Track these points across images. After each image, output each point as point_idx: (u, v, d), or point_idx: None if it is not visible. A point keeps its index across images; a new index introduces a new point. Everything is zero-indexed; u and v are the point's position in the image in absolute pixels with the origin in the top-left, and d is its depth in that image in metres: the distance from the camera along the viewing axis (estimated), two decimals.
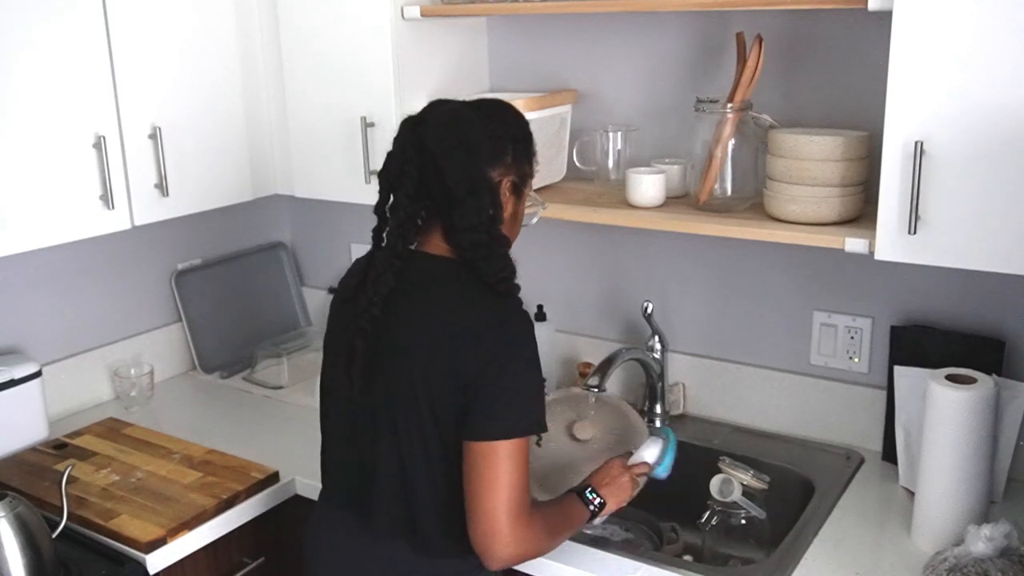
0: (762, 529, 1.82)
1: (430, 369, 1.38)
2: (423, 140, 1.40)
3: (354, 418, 1.49)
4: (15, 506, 1.59)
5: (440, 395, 1.38)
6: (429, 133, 1.40)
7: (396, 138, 1.44)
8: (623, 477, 1.63)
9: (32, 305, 2.18)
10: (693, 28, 1.98)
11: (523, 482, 1.36)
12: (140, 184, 1.97)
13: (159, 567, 1.71)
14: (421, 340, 1.39)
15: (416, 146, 1.40)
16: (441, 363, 1.37)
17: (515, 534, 1.35)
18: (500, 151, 1.42)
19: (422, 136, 1.40)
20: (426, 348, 1.38)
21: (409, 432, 1.41)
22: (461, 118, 1.42)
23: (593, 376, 1.95)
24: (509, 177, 1.44)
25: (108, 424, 2.17)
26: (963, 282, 1.81)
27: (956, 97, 1.42)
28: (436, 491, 1.43)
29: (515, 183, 1.46)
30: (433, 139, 1.39)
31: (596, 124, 2.09)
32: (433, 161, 1.39)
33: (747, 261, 2.05)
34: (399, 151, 1.42)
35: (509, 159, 1.44)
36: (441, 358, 1.37)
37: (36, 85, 1.76)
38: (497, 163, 1.42)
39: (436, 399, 1.38)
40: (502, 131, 1.43)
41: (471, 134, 1.40)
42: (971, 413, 1.56)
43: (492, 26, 2.24)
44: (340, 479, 1.56)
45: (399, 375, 1.41)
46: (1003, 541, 1.44)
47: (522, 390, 1.38)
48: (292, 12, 2.11)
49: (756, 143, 1.81)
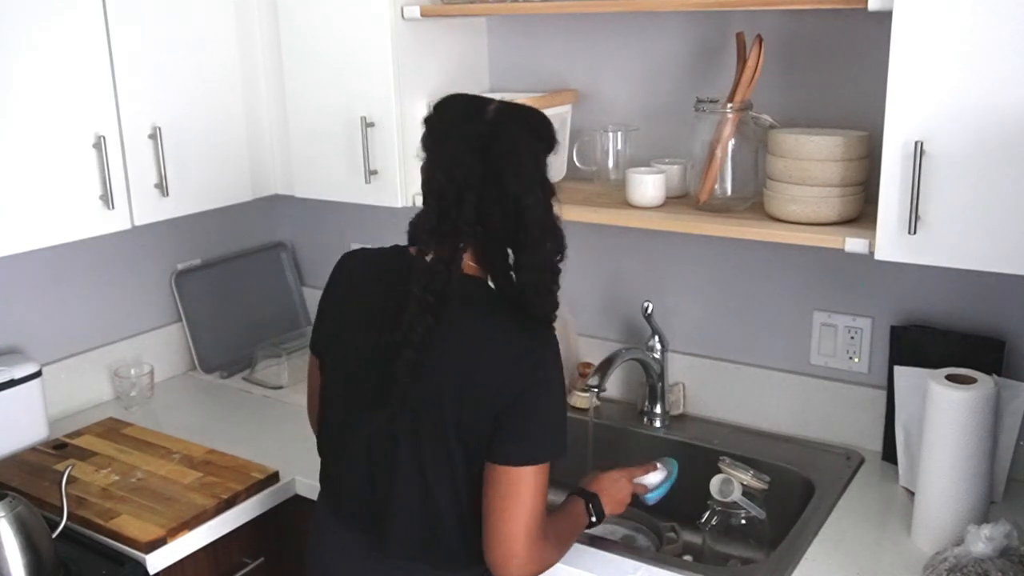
0: (762, 529, 1.82)
1: (462, 395, 1.35)
2: (499, 173, 1.33)
3: (369, 438, 1.44)
4: (15, 506, 1.59)
5: (470, 421, 1.36)
6: (505, 164, 1.32)
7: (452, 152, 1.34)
8: (624, 493, 1.65)
9: (32, 305, 2.18)
10: (693, 28, 1.98)
11: (542, 507, 1.37)
12: (140, 184, 1.97)
13: (159, 567, 1.71)
14: (454, 366, 1.36)
15: (488, 177, 1.33)
16: (473, 390, 1.35)
17: (532, 555, 1.37)
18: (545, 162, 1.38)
19: (497, 168, 1.33)
20: (459, 374, 1.36)
21: (435, 456, 1.39)
22: (531, 145, 1.36)
23: (593, 376, 1.95)
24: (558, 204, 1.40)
25: (108, 424, 2.17)
26: (963, 282, 1.81)
27: (956, 97, 1.42)
28: (461, 514, 1.42)
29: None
30: (510, 173, 1.32)
31: (596, 124, 2.09)
32: (508, 196, 1.33)
33: (747, 261, 2.05)
34: (462, 172, 1.33)
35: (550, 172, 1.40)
36: (474, 385, 1.35)
37: (36, 85, 1.76)
38: (553, 193, 1.39)
39: (465, 424, 1.36)
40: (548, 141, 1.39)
41: (542, 166, 1.36)
42: (971, 413, 1.56)
43: (492, 26, 2.24)
44: (351, 500, 1.51)
45: (428, 399, 1.37)
46: (1003, 541, 1.44)
47: (550, 417, 1.38)
48: (292, 12, 2.11)
49: (756, 143, 1.81)
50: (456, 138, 1.36)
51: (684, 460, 2.03)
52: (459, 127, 1.37)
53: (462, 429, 1.36)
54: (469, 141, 1.34)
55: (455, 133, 1.37)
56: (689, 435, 2.09)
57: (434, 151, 1.39)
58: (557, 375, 1.39)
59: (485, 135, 1.34)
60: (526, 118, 1.40)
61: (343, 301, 1.53)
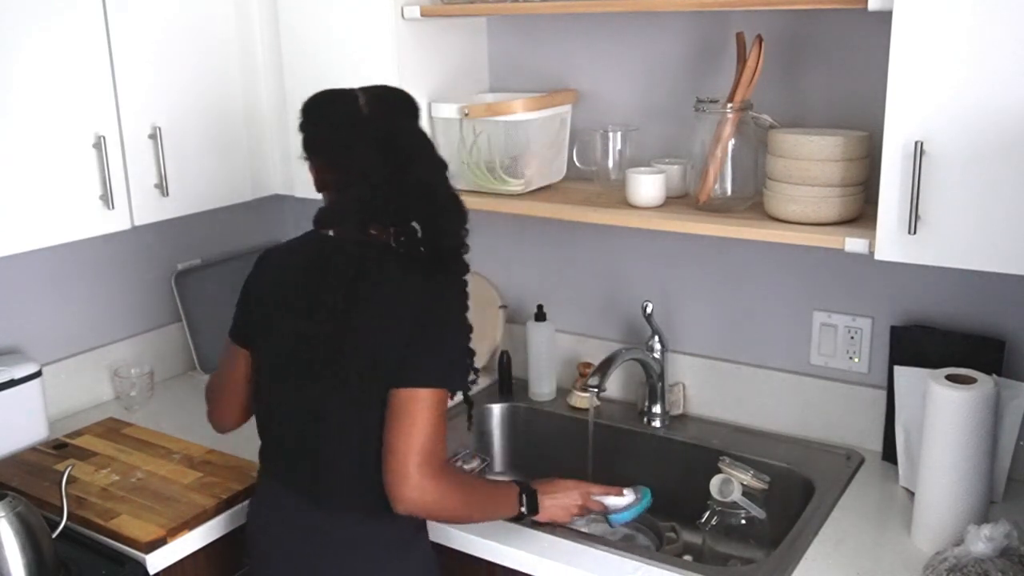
0: (762, 529, 1.82)
1: (380, 345, 1.47)
2: (405, 166, 1.50)
3: (300, 399, 1.55)
4: (15, 506, 1.59)
5: (385, 362, 1.47)
6: (407, 158, 1.50)
7: (358, 158, 1.50)
8: (573, 503, 1.69)
9: (32, 305, 2.18)
10: (693, 28, 1.98)
11: (437, 433, 1.46)
12: (140, 184, 1.97)
13: (159, 567, 1.71)
14: (374, 327, 1.49)
15: (396, 170, 1.49)
16: (387, 338, 1.47)
17: (423, 481, 1.44)
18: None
19: (402, 162, 1.50)
20: (378, 331, 1.48)
21: (359, 407, 1.49)
22: (418, 131, 1.55)
23: (593, 376, 1.95)
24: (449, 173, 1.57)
25: (108, 424, 2.17)
26: (963, 282, 1.81)
27: (956, 97, 1.42)
28: (371, 457, 1.49)
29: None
30: (416, 164, 1.50)
31: (596, 124, 2.09)
32: (420, 182, 1.51)
33: (747, 261, 2.05)
34: (375, 173, 1.49)
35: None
36: (388, 334, 1.47)
37: (36, 85, 1.76)
38: (445, 165, 1.56)
39: (382, 366, 1.47)
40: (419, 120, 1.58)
41: (430, 144, 1.55)
42: (971, 413, 1.56)
43: (492, 26, 2.24)
44: (286, 460, 1.61)
45: (352, 357, 1.49)
46: (1003, 541, 1.44)
47: (445, 351, 1.49)
48: (292, 12, 2.11)
49: (756, 143, 1.81)
50: (357, 145, 1.51)
51: (684, 460, 2.05)
52: (351, 132, 1.52)
53: (381, 376, 1.47)
54: (369, 144, 1.50)
55: (351, 139, 1.52)
56: (689, 435, 2.09)
57: (338, 158, 1.54)
58: (456, 316, 1.51)
59: (381, 137, 1.51)
60: (397, 104, 1.58)
61: (270, 290, 1.64)
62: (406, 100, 1.58)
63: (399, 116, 1.56)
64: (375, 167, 1.49)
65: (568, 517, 1.70)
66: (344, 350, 1.50)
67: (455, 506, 1.52)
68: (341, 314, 1.49)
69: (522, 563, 1.66)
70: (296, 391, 1.56)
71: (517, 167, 2.02)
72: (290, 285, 1.60)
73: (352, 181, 1.51)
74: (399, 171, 1.49)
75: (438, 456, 1.47)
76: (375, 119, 1.53)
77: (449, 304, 1.52)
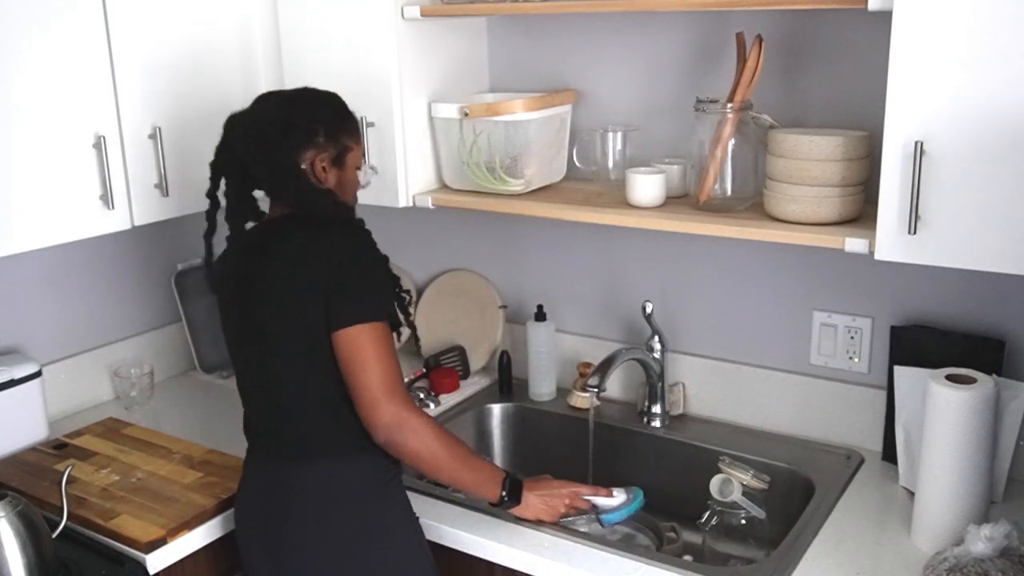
0: (762, 529, 1.82)
1: (292, 291, 1.58)
2: (233, 146, 1.66)
3: (246, 365, 1.70)
4: (15, 506, 1.59)
5: (307, 308, 1.56)
6: (236, 138, 1.65)
7: (221, 138, 1.69)
8: (560, 502, 1.73)
9: (32, 305, 2.18)
10: (693, 28, 1.98)
11: (391, 363, 1.57)
12: (140, 184, 1.97)
13: (159, 567, 1.71)
14: (281, 272, 1.60)
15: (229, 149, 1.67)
16: (304, 286, 1.57)
17: (392, 405, 1.55)
18: (304, 137, 1.63)
19: (232, 141, 1.66)
20: (286, 277, 1.59)
21: (293, 357, 1.60)
22: (259, 119, 1.65)
23: (593, 376, 1.95)
24: (325, 154, 1.64)
25: (108, 424, 2.17)
26: (963, 282, 1.81)
27: (956, 97, 1.42)
28: (327, 402, 1.61)
29: (332, 158, 1.66)
30: (240, 145, 1.64)
31: (596, 124, 2.09)
32: (242, 163, 1.64)
33: (747, 261, 2.05)
34: (219, 151, 1.69)
35: (321, 139, 1.64)
36: (304, 282, 1.57)
37: (36, 85, 1.76)
38: (303, 148, 1.63)
39: (305, 313, 1.57)
40: (304, 119, 1.64)
41: (269, 132, 1.61)
42: (971, 413, 1.56)
43: (492, 26, 2.24)
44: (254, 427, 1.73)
45: (273, 311, 1.60)
46: (1003, 541, 1.44)
47: (364, 287, 1.58)
48: (292, 12, 2.11)
49: (756, 143, 1.81)
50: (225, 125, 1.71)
51: (684, 460, 2.05)
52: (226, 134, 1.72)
53: (302, 324, 1.58)
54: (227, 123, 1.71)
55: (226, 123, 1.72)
56: (689, 435, 2.09)
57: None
58: (369, 250, 1.61)
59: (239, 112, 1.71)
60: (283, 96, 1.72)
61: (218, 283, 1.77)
62: (307, 98, 1.70)
63: (283, 112, 1.65)
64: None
65: (554, 516, 1.71)
66: (266, 307, 1.61)
67: (432, 443, 1.59)
68: (258, 279, 1.62)
69: (522, 563, 1.66)
70: (244, 363, 1.70)
71: (517, 167, 2.02)
72: (227, 271, 1.72)
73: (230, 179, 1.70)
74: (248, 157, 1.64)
75: (400, 385, 1.58)
76: (242, 120, 1.67)
77: (360, 250, 1.60)
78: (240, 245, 1.70)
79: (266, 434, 1.70)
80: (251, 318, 1.64)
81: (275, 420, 1.67)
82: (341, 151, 1.68)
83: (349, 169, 1.70)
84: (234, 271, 1.68)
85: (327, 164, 1.66)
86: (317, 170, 1.65)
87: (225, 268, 1.72)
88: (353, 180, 1.73)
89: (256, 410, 1.72)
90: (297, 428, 1.64)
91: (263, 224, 1.71)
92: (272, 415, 1.67)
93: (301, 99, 1.70)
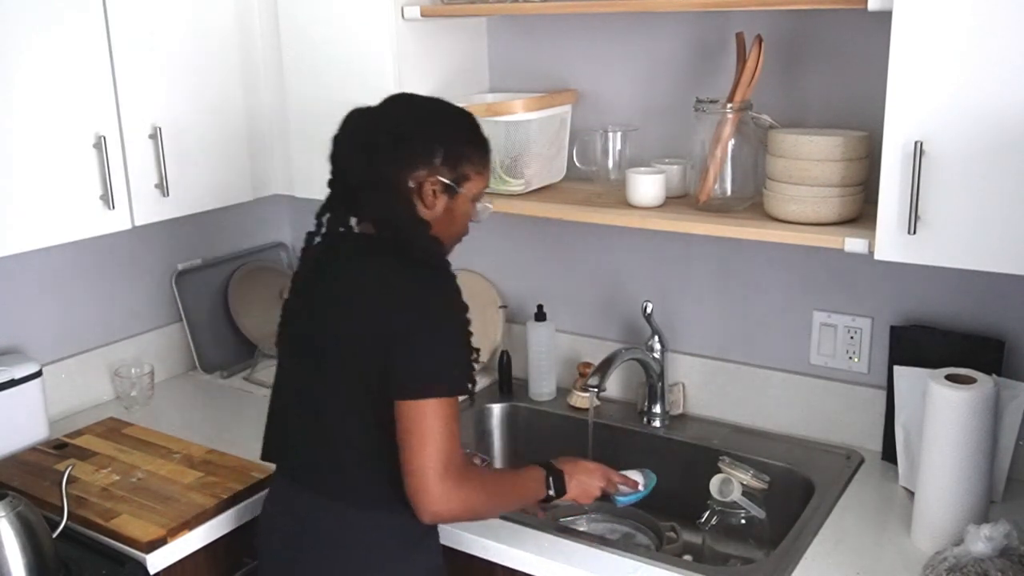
0: (762, 529, 1.82)
1: (354, 327, 1.48)
2: (342, 141, 1.54)
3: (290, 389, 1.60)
4: (15, 506, 1.59)
5: (369, 354, 1.45)
6: (346, 134, 1.53)
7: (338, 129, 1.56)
8: (596, 485, 1.69)
9: (32, 305, 2.18)
10: (693, 28, 1.98)
11: (450, 441, 1.43)
12: (140, 184, 1.97)
13: (159, 567, 1.71)
14: (345, 304, 1.50)
15: (338, 142, 1.54)
16: (362, 321, 1.47)
17: (445, 491, 1.42)
18: (417, 153, 1.50)
19: (343, 136, 1.54)
20: (349, 310, 1.49)
21: (340, 396, 1.50)
22: (374, 120, 1.52)
23: (593, 376, 1.95)
24: (435, 177, 1.51)
25: (108, 424, 2.17)
26: (963, 282, 1.81)
27: (956, 97, 1.42)
28: (369, 451, 1.50)
29: (445, 184, 1.52)
30: (343, 147, 1.53)
31: (596, 124, 2.09)
32: (339, 161, 1.54)
33: (747, 261, 2.05)
34: (333, 141, 1.55)
35: (437, 160, 1.50)
36: (362, 317, 1.47)
37: (37, 85, 1.76)
38: (413, 165, 1.50)
39: (365, 358, 1.46)
40: (423, 133, 1.51)
41: (378, 138, 1.49)
42: (971, 413, 1.56)
43: (492, 26, 2.24)
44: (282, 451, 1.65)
45: (328, 341, 1.51)
46: (1003, 541, 1.44)
47: (439, 354, 1.45)
48: (292, 12, 2.11)
49: (756, 143, 1.81)
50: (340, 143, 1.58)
51: (684, 460, 2.05)
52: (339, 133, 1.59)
53: (362, 367, 1.47)
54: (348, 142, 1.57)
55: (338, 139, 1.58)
56: (689, 435, 2.09)
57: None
58: (445, 315, 1.47)
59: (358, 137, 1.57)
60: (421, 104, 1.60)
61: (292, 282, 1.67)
62: (443, 114, 1.57)
63: (411, 121, 1.54)
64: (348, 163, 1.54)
65: (589, 500, 1.69)
66: (330, 334, 1.52)
67: (481, 505, 1.51)
68: (327, 302, 1.53)
69: (522, 563, 1.66)
70: (292, 376, 1.61)
71: (517, 167, 2.02)
72: (298, 279, 1.64)
73: (334, 176, 1.57)
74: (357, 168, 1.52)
75: (455, 462, 1.44)
76: (358, 118, 1.54)
77: (443, 304, 1.48)
78: (318, 251, 1.58)
79: (303, 464, 1.59)
80: (312, 338, 1.54)
81: (317, 453, 1.55)
82: (458, 178, 1.52)
83: (463, 200, 1.54)
84: (303, 280, 1.59)
85: (438, 189, 1.51)
86: (426, 193, 1.50)
87: (303, 268, 1.63)
88: (465, 214, 1.57)
89: (293, 432, 1.60)
90: (340, 468, 1.53)
91: (346, 236, 1.57)
92: (314, 446, 1.56)
93: (427, 110, 1.56)
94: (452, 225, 1.56)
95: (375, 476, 1.50)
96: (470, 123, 1.57)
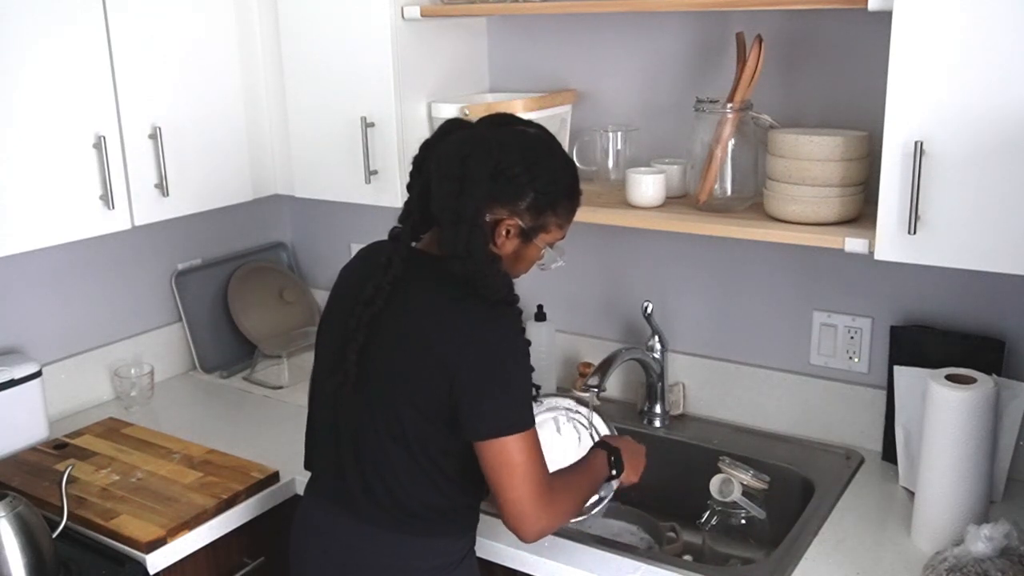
0: (762, 529, 1.82)
1: (418, 361, 1.43)
2: (425, 162, 1.47)
3: (337, 408, 1.52)
4: (15, 506, 1.59)
5: (427, 386, 1.42)
6: (434, 157, 1.45)
7: (432, 135, 1.51)
8: (641, 464, 1.70)
9: (32, 305, 2.18)
10: (693, 28, 1.98)
11: (538, 469, 1.43)
12: (140, 184, 1.97)
13: (159, 567, 1.71)
14: (412, 334, 1.44)
15: (419, 165, 1.49)
16: (428, 356, 1.42)
17: (543, 513, 1.43)
18: (507, 192, 1.42)
19: (426, 158, 1.47)
20: (415, 341, 1.44)
21: (396, 422, 1.45)
22: (473, 142, 1.42)
23: (593, 376, 1.95)
24: (514, 221, 1.43)
25: (108, 424, 2.17)
26: (963, 282, 1.81)
27: (956, 97, 1.42)
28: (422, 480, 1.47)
29: (523, 229, 1.45)
30: (434, 165, 1.44)
31: (596, 124, 2.09)
32: (427, 184, 1.45)
33: (747, 261, 2.05)
34: (421, 147, 1.50)
35: (523, 204, 1.43)
36: (429, 351, 1.42)
37: (37, 86, 1.76)
38: (498, 202, 1.42)
39: (422, 390, 1.42)
40: (522, 175, 1.41)
41: (474, 169, 1.39)
42: (971, 413, 1.56)
43: (492, 26, 2.24)
44: (323, 474, 1.60)
45: (385, 367, 1.46)
46: (1003, 541, 1.44)
47: (518, 387, 1.43)
48: (292, 12, 2.11)
49: (756, 143, 1.81)
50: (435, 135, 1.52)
51: (684, 460, 2.05)
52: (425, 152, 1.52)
53: (421, 393, 1.43)
54: (434, 136, 1.52)
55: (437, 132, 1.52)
56: (689, 435, 2.09)
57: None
58: (509, 353, 1.43)
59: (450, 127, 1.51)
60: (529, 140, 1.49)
61: (335, 293, 1.61)
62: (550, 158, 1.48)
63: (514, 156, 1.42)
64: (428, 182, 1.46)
65: (638, 478, 1.70)
66: (389, 370, 1.45)
67: (573, 507, 1.54)
68: (389, 322, 1.45)
69: (522, 563, 1.66)
70: (346, 411, 1.52)
71: None
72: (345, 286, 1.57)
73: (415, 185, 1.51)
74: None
75: (546, 484, 1.44)
76: (458, 141, 1.45)
77: (514, 346, 1.43)
78: (381, 263, 1.48)
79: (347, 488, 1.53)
80: (372, 362, 1.47)
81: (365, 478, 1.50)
82: (536, 227, 1.46)
83: (534, 248, 1.48)
84: (370, 298, 1.47)
85: (514, 232, 1.44)
86: (499, 232, 1.43)
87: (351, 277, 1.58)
88: (533, 258, 1.51)
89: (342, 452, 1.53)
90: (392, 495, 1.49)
91: (413, 257, 1.49)
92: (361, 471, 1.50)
93: (535, 149, 1.46)
94: (516, 264, 1.50)
95: (425, 503, 1.49)
96: (572, 175, 1.49)
